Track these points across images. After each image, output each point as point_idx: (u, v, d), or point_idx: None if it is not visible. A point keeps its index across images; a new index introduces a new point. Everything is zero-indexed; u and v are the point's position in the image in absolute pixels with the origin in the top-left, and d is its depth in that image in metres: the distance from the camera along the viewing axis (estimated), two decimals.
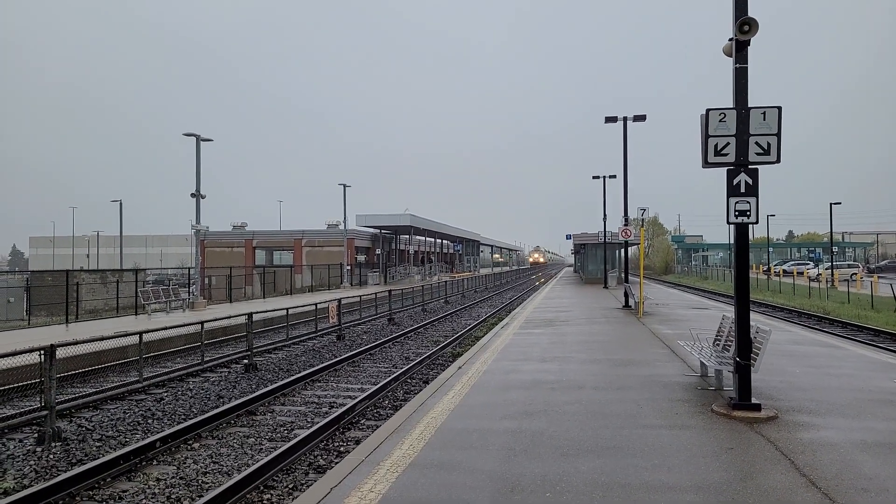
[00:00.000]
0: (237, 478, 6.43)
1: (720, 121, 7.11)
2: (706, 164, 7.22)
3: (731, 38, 7.14)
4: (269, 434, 8.73)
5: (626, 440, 6.24)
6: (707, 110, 7.16)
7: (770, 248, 78.97)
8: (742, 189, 7.11)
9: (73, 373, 12.65)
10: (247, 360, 13.92)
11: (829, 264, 50.01)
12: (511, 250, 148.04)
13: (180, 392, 11.61)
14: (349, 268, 46.76)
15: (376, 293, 30.23)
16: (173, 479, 6.96)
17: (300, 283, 44.66)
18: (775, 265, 62.74)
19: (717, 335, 9.52)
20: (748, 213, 7.11)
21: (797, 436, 6.32)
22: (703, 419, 7.00)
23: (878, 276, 41.81)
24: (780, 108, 7.05)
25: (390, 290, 26.73)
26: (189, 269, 34.78)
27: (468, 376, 9.71)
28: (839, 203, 50.65)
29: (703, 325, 15.66)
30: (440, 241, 79.15)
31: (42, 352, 8.56)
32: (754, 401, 7.19)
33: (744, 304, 7.35)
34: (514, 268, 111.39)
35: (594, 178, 38.55)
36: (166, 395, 11.43)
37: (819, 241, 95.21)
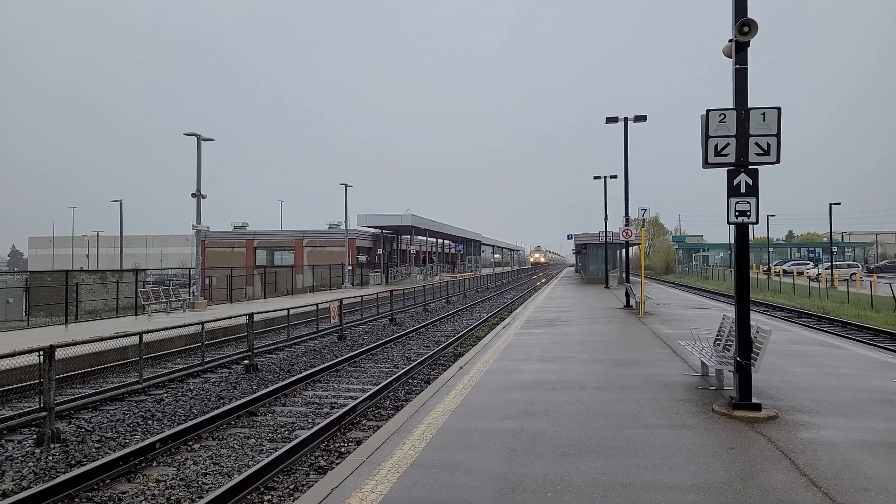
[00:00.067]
0: (238, 479, 6.43)
1: (720, 121, 7.12)
2: (706, 164, 7.23)
3: (730, 40, 7.15)
4: (270, 435, 8.73)
5: (627, 440, 6.24)
6: (707, 111, 7.17)
7: (770, 248, 78.97)
8: (742, 189, 7.11)
9: (72, 374, 12.64)
10: (247, 361, 13.92)
11: (829, 264, 50.03)
12: (512, 250, 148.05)
13: (180, 393, 11.60)
14: (350, 268, 46.77)
15: (378, 293, 30.25)
16: (173, 481, 6.95)
17: (301, 283, 44.67)
18: (775, 265, 62.73)
19: (717, 335, 9.52)
20: (748, 213, 7.12)
21: (797, 435, 6.32)
22: (703, 419, 7.00)
23: (878, 276, 41.79)
24: (779, 109, 7.05)
25: (392, 291, 26.71)
26: (189, 269, 34.76)
27: (469, 376, 9.71)
28: (839, 203, 50.75)
29: (704, 325, 15.67)
30: (441, 241, 79.15)
31: (41, 353, 8.55)
32: (755, 400, 7.19)
33: (744, 303, 7.35)
34: (516, 268, 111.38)
35: (595, 178, 38.65)
36: (166, 395, 11.42)
37: (819, 242, 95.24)
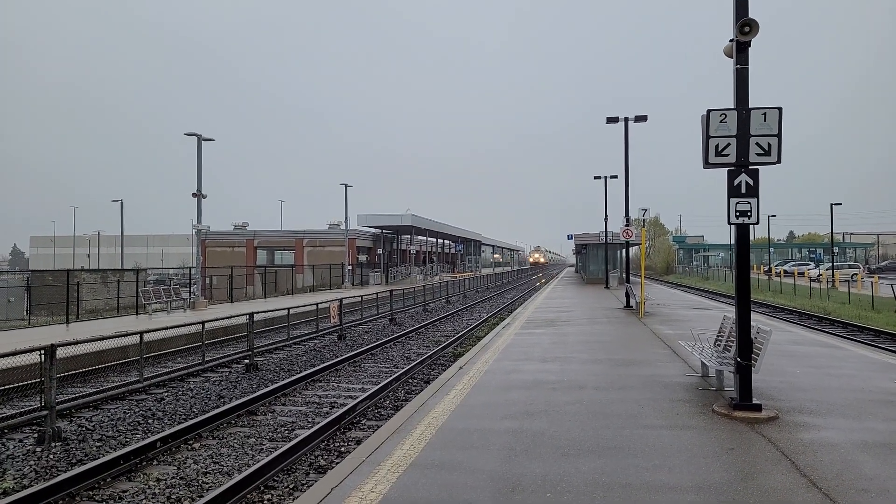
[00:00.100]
0: (238, 478, 6.43)
1: (721, 121, 7.11)
2: (707, 164, 7.23)
3: (731, 39, 7.14)
4: (270, 434, 8.73)
5: (627, 440, 6.24)
6: (708, 111, 7.16)
7: (771, 249, 78.91)
8: (743, 189, 7.10)
9: (73, 373, 12.65)
10: (248, 360, 13.93)
11: (830, 265, 49.98)
12: (512, 250, 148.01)
13: (181, 392, 11.61)
14: (350, 268, 46.77)
15: (377, 293, 30.24)
16: (174, 480, 6.96)
17: (301, 283, 44.68)
18: (776, 266, 62.71)
19: (718, 335, 9.51)
20: (749, 213, 7.11)
21: (798, 436, 6.32)
22: (704, 419, 6.99)
23: (879, 277, 41.76)
24: (780, 109, 7.05)
25: (392, 290, 26.72)
26: (190, 268, 34.75)
27: (469, 376, 9.71)
28: (840, 204, 50.72)
29: (704, 326, 15.66)
30: (442, 241, 79.17)
31: (42, 351, 8.56)
32: (755, 401, 7.18)
33: (745, 304, 7.34)
34: (516, 268, 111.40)
35: (595, 178, 38.67)
36: (167, 394, 11.43)
37: (820, 242, 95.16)
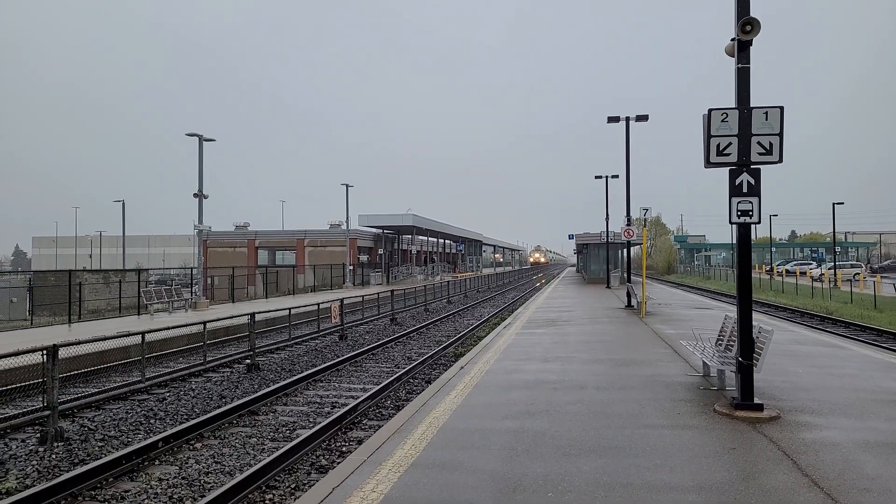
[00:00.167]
0: (239, 478, 6.44)
1: (722, 121, 7.10)
2: (708, 164, 7.21)
3: (733, 38, 7.13)
4: (272, 434, 8.74)
5: (628, 440, 6.23)
6: (709, 110, 7.15)
7: (773, 248, 78.82)
8: (744, 189, 7.09)
9: (75, 373, 12.68)
10: (249, 360, 13.94)
11: (832, 264, 49.91)
12: (513, 250, 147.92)
13: (183, 392, 11.62)
14: (352, 268, 46.78)
15: (379, 293, 30.26)
16: (175, 479, 6.97)
17: (303, 283, 44.68)
18: (778, 265, 62.62)
19: (719, 335, 9.50)
20: (751, 213, 7.10)
21: (800, 436, 6.31)
22: (705, 419, 6.99)
23: (881, 276, 41.68)
24: (782, 108, 7.04)
25: (393, 290, 26.72)
26: (191, 269, 34.76)
27: (470, 376, 9.71)
28: (842, 203, 50.67)
29: (706, 325, 15.65)
30: (443, 241, 79.16)
31: (45, 352, 8.58)
32: (757, 401, 7.17)
33: (746, 303, 7.33)
34: (517, 268, 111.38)
35: (597, 178, 38.65)
36: (169, 394, 11.44)
37: (822, 241, 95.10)
